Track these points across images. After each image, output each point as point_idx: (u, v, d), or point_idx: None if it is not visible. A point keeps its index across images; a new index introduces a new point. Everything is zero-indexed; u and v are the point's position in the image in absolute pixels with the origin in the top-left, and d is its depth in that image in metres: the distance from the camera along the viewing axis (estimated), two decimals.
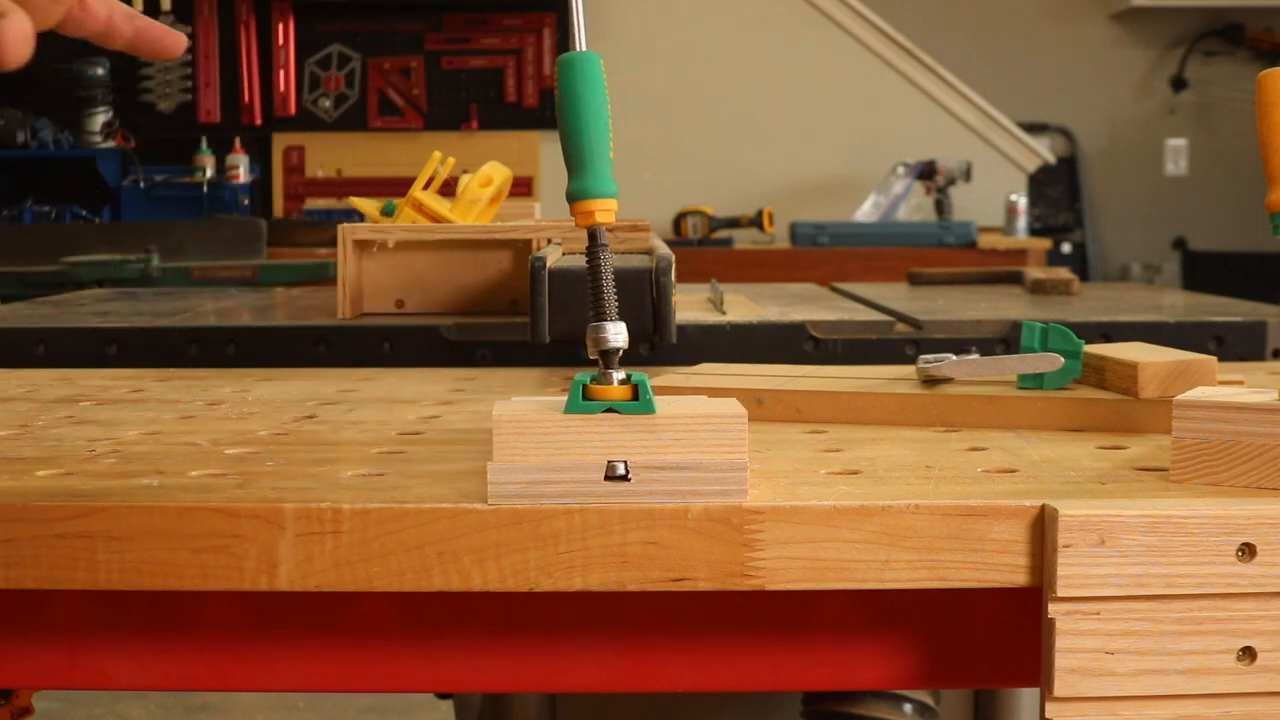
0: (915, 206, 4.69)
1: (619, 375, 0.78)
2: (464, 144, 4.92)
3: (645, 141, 4.80)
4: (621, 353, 0.79)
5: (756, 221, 4.60)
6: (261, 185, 5.21)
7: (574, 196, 0.81)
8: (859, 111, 4.94)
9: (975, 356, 1.07)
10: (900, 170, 4.68)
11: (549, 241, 1.54)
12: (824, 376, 1.11)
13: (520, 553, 0.75)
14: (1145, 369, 0.99)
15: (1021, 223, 4.45)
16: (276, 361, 1.40)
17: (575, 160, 0.81)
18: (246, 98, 5.15)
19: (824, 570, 0.75)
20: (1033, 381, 1.03)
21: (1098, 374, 1.04)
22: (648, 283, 1.31)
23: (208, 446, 0.94)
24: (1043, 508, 0.75)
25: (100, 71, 5.06)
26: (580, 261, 0.97)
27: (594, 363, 0.79)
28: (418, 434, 0.99)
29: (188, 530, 0.75)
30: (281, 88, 5.14)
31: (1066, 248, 6.22)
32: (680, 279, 1.39)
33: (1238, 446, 0.80)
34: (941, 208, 4.63)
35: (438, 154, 1.64)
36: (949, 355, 1.07)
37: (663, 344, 1.35)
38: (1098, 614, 0.74)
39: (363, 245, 1.54)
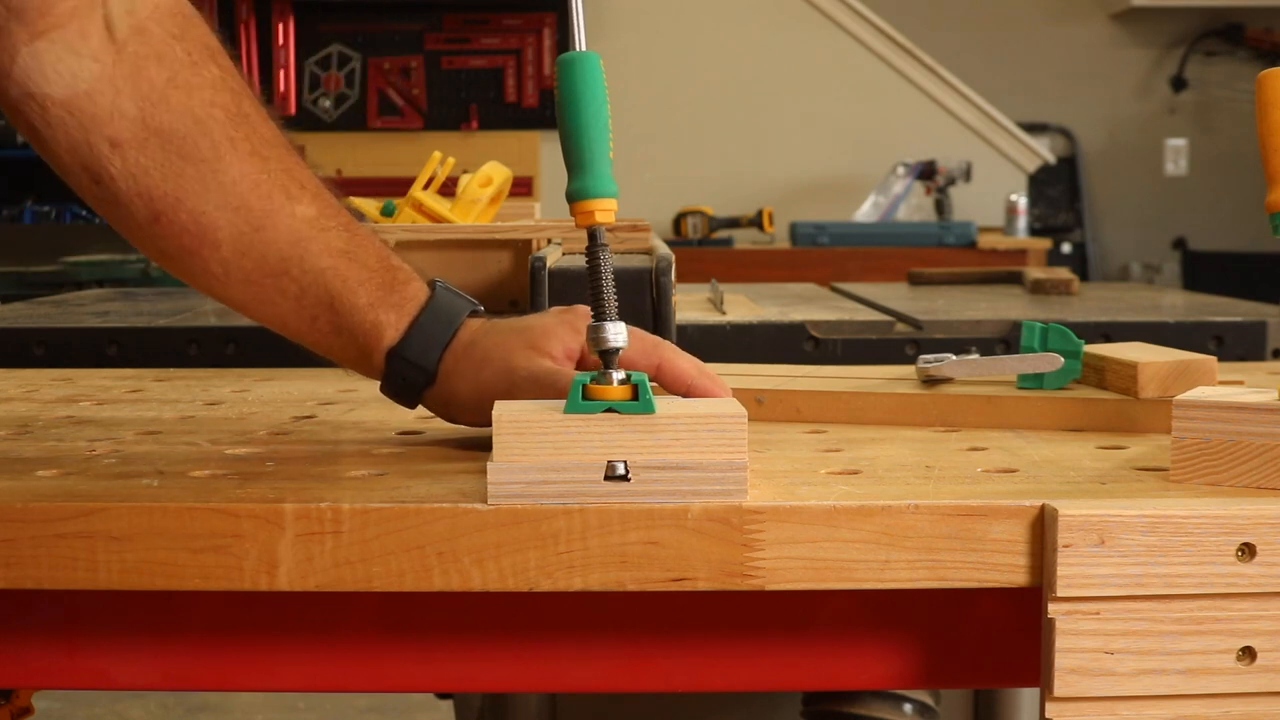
0: (915, 206, 4.68)
1: (619, 375, 0.78)
2: (464, 144, 4.92)
3: (645, 141, 4.80)
4: (621, 353, 0.80)
5: (756, 221, 4.60)
6: None
7: (574, 196, 0.81)
8: (859, 111, 4.93)
9: (975, 356, 1.07)
10: (900, 170, 4.67)
11: (549, 241, 1.54)
12: (824, 376, 1.11)
13: (520, 553, 0.75)
14: (1145, 369, 0.99)
15: (1021, 223, 4.44)
16: (276, 361, 1.40)
17: (575, 160, 0.81)
18: None
19: (824, 570, 0.75)
20: (1033, 381, 1.03)
21: (1098, 374, 1.04)
22: (648, 283, 1.31)
23: (208, 446, 0.94)
24: (1043, 508, 0.75)
25: None
26: (580, 261, 0.97)
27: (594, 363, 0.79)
28: (418, 434, 0.99)
29: (188, 530, 0.75)
30: (281, 88, 5.14)
31: (1066, 248, 6.22)
32: (680, 279, 1.39)
33: (1238, 446, 0.80)
34: (941, 208, 4.62)
35: (438, 154, 1.64)
36: (949, 355, 1.07)
37: None
38: (1098, 614, 0.74)
39: None
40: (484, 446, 0.84)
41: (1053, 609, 0.74)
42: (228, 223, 0.92)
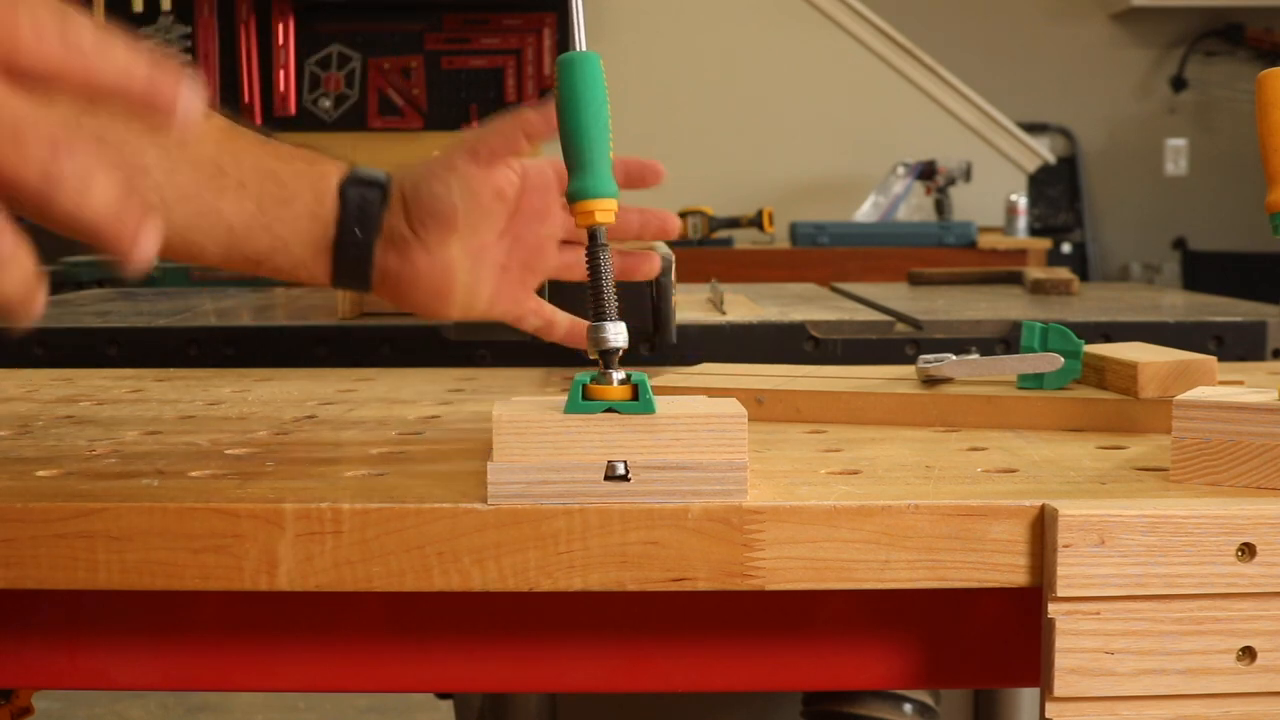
0: (915, 206, 4.68)
1: (619, 375, 0.78)
2: None
3: (645, 141, 4.80)
4: (621, 353, 0.79)
5: (756, 221, 4.60)
6: None
7: (574, 196, 0.81)
8: (859, 111, 4.93)
9: (975, 356, 1.07)
10: (900, 170, 4.67)
11: None
12: (824, 376, 1.11)
13: (520, 553, 0.75)
14: (1145, 369, 0.99)
15: (1021, 223, 4.44)
16: (276, 362, 1.40)
17: (575, 160, 0.81)
18: (247, 98, 5.15)
19: (824, 570, 0.75)
20: (1033, 381, 1.03)
21: (1098, 374, 1.04)
22: (648, 283, 1.31)
23: (208, 446, 0.94)
24: (1043, 508, 0.75)
25: None
26: None
27: (594, 363, 0.79)
28: (418, 434, 0.99)
29: (188, 530, 0.75)
30: (281, 88, 5.14)
31: (1066, 248, 6.22)
32: (680, 279, 1.39)
33: (1238, 446, 0.80)
34: (941, 208, 4.62)
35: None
36: (949, 355, 1.07)
37: (663, 344, 1.35)
38: (1098, 614, 0.74)
39: None
40: (484, 446, 0.84)
41: (1053, 609, 0.74)
42: (151, 144, 0.92)
